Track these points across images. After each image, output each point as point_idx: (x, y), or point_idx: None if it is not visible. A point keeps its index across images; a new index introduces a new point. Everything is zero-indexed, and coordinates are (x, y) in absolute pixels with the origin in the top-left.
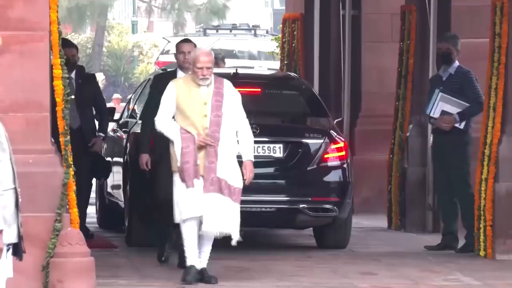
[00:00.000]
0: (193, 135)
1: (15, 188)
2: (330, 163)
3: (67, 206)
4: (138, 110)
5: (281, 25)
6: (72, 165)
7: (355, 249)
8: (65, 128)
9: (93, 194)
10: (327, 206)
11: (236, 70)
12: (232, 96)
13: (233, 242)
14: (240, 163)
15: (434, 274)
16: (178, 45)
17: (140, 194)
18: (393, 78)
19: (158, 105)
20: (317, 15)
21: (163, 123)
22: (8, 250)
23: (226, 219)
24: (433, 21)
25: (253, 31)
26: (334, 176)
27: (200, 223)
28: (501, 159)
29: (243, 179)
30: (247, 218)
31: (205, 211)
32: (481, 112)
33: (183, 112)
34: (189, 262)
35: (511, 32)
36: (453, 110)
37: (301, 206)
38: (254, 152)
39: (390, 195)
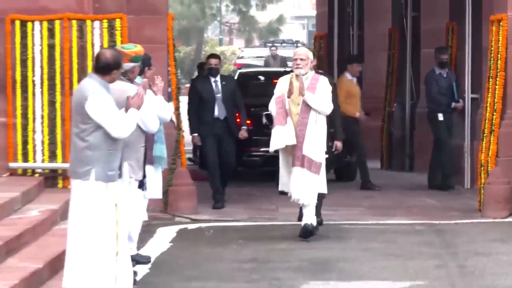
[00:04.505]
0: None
1: (144, 146)
2: None
3: (179, 154)
4: None
5: (313, 41)
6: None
7: (359, 182)
8: (178, 105)
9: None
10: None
11: (285, 69)
12: (323, 89)
13: (302, 202)
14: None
15: (410, 198)
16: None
17: None
18: (384, 73)
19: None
20: (336, 35)
21: (270, 105)
22: (138, 185)
23: (304, 189)
24: (409, 38)
25: (295, 44)
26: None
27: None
28: None
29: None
30: None
31: (293, 184)
32: None
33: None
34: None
35: (459, 46)
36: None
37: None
38: None
39: (382, 147)
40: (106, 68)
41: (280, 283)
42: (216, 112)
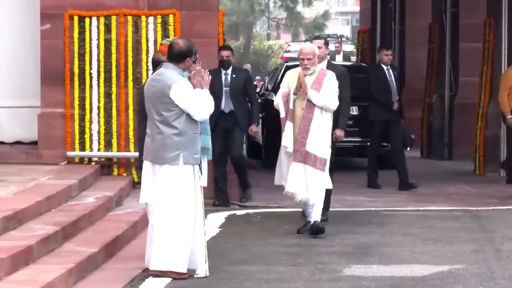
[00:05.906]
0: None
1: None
2: None
3: None
4: (270, 86)
5: (357, 35)
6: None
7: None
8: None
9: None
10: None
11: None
12: (329, 84)
13: (311, 201)
14: None
15: (448, 185)
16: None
17: (271, 139)
18: (424, 66)
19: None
20: (378, 29)
21: (275, 100)
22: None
23: (306, 185)
24: (448, 32)
25: (340, 39)
26: None
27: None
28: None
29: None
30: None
31: (290, 177)
32: None
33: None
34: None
35: (496, 39)
36: None
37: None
38: None
39: (422, 137)
40: (180, 56)
41: (324, 266)
42: (222, 106)
